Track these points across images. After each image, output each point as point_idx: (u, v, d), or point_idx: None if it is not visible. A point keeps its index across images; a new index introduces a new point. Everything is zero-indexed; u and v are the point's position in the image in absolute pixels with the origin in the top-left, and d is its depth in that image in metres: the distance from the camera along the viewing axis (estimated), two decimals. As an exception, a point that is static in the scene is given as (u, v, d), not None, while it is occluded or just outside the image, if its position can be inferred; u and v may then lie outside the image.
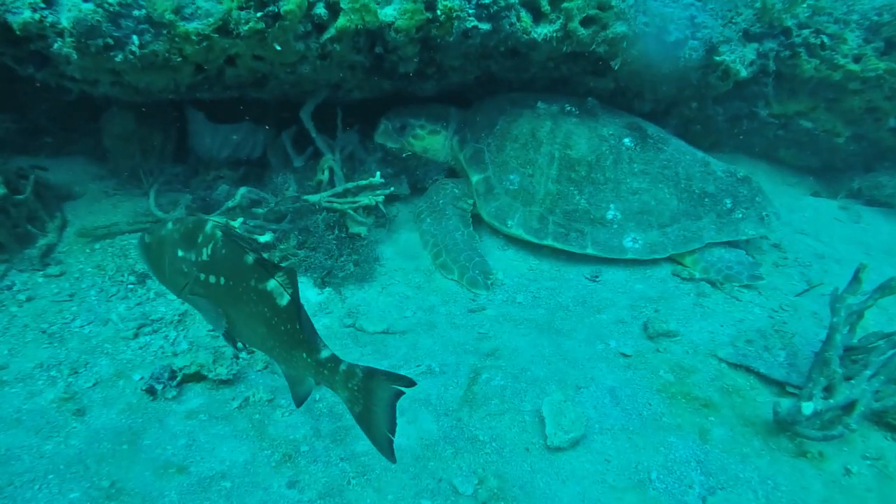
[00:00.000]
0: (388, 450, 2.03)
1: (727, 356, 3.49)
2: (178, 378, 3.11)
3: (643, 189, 4.54)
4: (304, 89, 4.58)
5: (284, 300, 2.08)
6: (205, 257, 2.14)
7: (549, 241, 4.44)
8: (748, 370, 3.41)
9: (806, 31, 5.18)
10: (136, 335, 3.44)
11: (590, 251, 4.42)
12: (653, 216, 4.50)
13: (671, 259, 4.60)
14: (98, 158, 5.33)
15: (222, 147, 5.56)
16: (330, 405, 3.09)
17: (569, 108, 4.79)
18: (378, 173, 4.51)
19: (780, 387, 3.29)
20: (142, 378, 3.12)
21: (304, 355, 2.12)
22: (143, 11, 3.31)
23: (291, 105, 4.97)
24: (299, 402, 2.25)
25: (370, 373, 2.05)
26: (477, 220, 4.93)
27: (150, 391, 3.01)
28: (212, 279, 2.15)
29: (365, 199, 4.40)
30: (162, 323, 3.58)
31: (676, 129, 5.87)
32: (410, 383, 1.99)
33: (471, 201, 4.76)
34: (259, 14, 3.48)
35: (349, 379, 2.06)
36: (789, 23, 5.15)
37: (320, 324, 3.77)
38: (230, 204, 4.43)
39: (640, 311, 4.00)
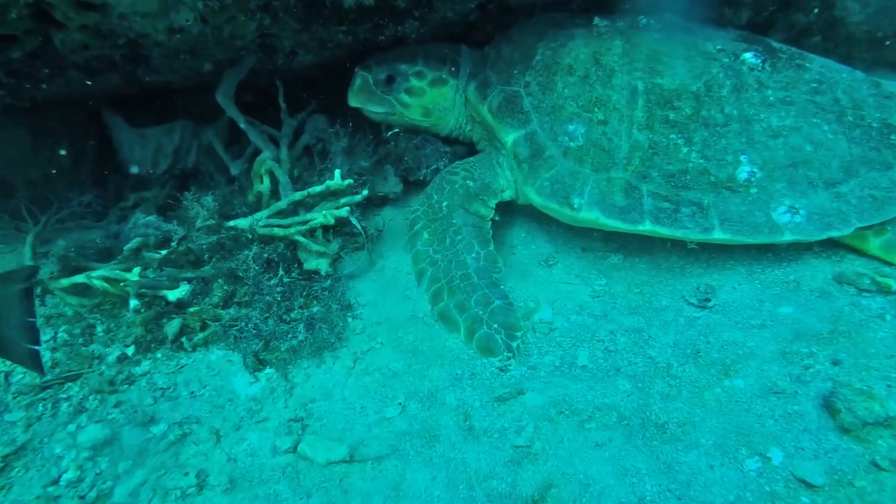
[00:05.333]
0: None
1: None
2: None
3: (789, 127, 2.61)
4: (215, 58, 2.87)
5: None
6: None
7: (646, 227, 2.58)
8: None
9: None
10: None
11: (717, 236, 2.54)
12: (813, 169, 2.58)
13: (828, 249, 2.67)
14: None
15: (157, 158, 3.95)
16: None
17: (644, 21, 2.90)
18: (338, 172, 2.77)
19: None
20: None
21: None
22: None
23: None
24: None
25: None
26: (508, 214, 3.14)
27: None
28: None
29: (319, 217, 2.67)
30: (-30, 480, 2.01)
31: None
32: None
33: (493, 201, 2.95)
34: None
35: None
36: None
37: (240, 448, 2.10)
38: (131, 245, 2.81)
39: (802, 363, 2.12)
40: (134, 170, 3.75)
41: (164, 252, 2.62)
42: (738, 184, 2.60)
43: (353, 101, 3.23)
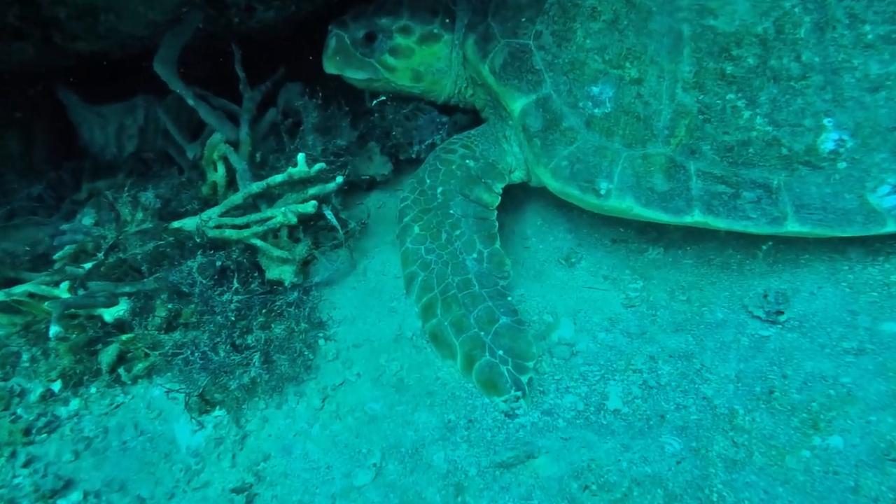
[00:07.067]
0: None
1: None
2: None
3: (894, 75, 1.93)
4: (147, 18, 2.28)
5: None
6: None
7: (695, 217, 1.96)
8: None
9: None
10: None
11: (792, 229, 1.91)
12: None
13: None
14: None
15: (121, 140, 3.44)
16: None
17: None
18: (301, 157, 2.18)
19: None
20: None
21: None
22: None
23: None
24: None
25: None
26: (520, 197, 2.54)
27: None
28: None
29: (278, 216, 2.10)
30: None
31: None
32: None
33: (499, 185, 2.34)
34: None
35: None
36: None
37: (169, 530, 1.61)
38: (63, 253, 2.30)
39: (924, 411, 1.51)
40: (111, 152, 3.27)
41: (88, 265, 2.09)
42: (820, 157, 1.93)
43: (330, 67, 2.62)
